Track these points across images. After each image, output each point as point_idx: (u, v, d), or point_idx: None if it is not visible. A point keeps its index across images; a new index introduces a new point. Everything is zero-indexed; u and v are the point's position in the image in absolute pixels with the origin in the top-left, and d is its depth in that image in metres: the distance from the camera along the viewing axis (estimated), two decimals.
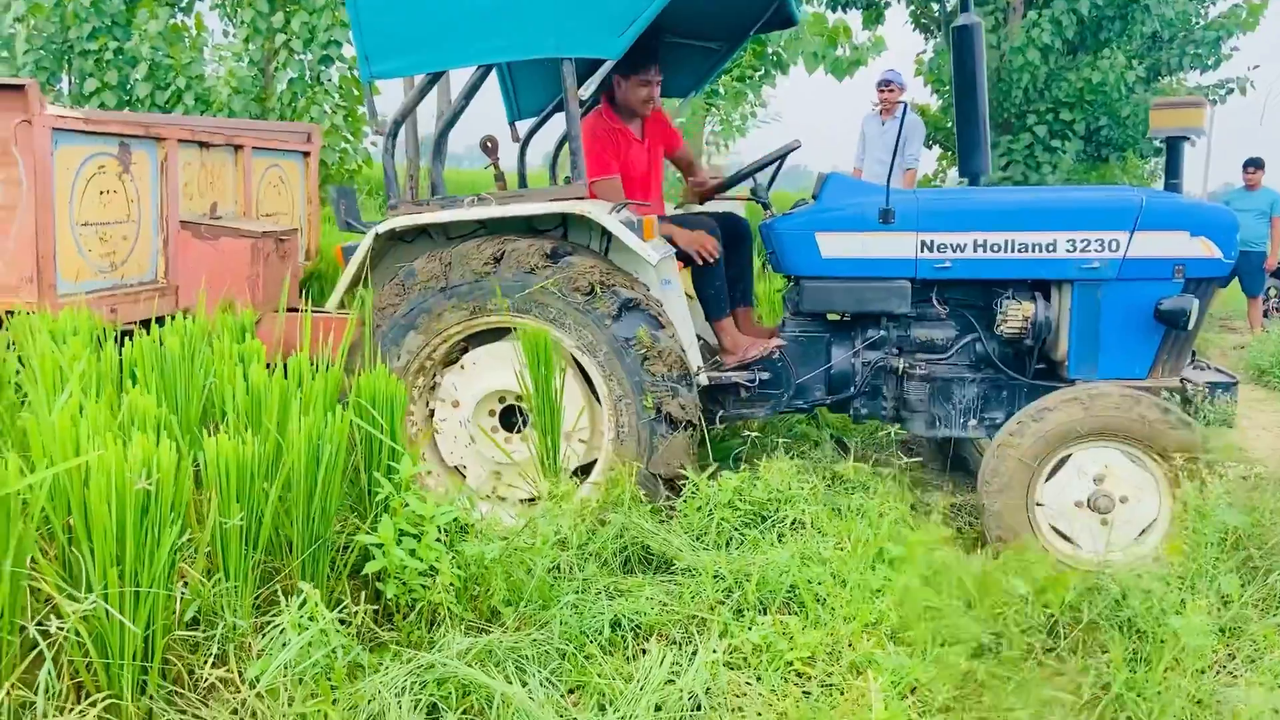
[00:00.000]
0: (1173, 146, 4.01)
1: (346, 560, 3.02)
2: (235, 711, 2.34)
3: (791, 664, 2.70)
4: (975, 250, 3.87)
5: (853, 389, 4.09)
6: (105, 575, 2.24)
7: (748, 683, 2.63)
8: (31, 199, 4.14)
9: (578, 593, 3.02)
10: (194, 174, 5.25)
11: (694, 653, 2.70)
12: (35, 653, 2.27)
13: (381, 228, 3.87)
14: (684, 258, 4.15)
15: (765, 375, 4.08)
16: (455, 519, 3.15)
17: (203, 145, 5.32)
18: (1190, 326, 3.68)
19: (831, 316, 4.22)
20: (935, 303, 4.03)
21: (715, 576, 3.03)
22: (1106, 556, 3.38)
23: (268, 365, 3.22)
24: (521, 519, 3.49)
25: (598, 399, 3.86)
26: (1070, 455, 3.57)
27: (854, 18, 10.22)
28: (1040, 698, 2.66)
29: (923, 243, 3.90)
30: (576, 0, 3.59)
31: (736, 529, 3.36)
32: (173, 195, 4.96)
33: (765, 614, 2.94)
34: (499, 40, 3.71)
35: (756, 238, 4.59)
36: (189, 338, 3.18)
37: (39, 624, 2.28)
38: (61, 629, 2.19)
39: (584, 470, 3.94)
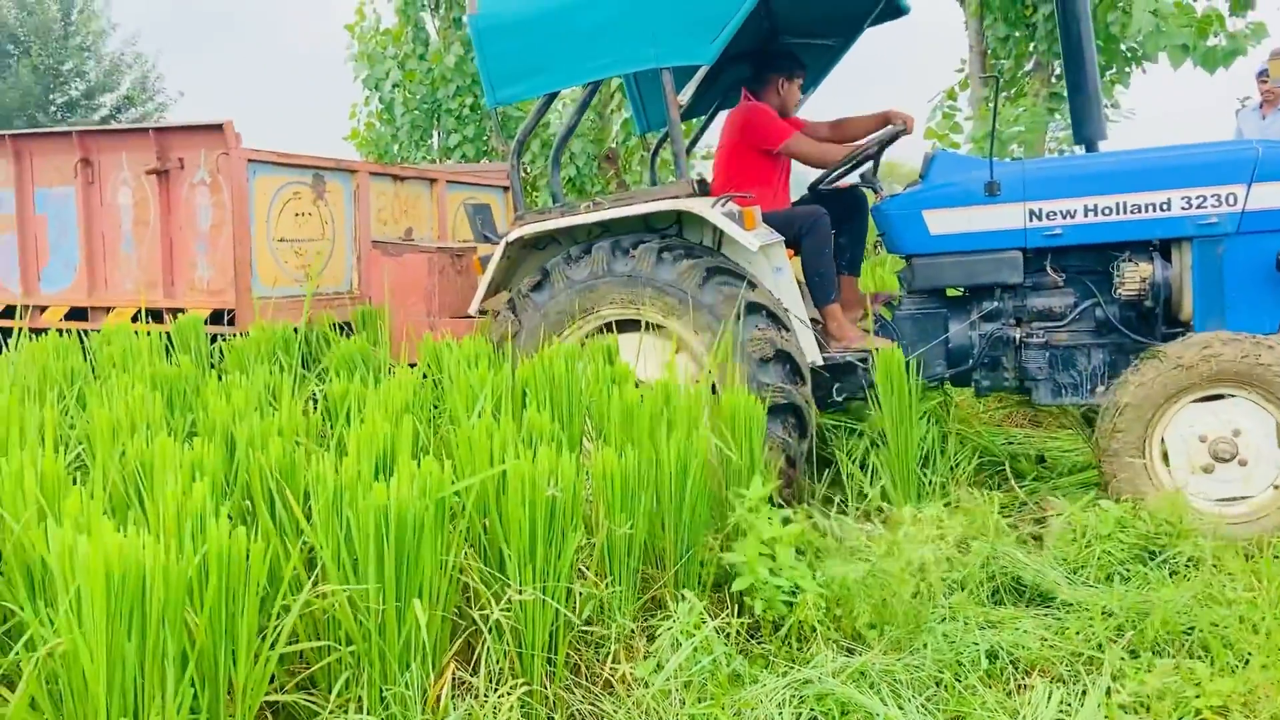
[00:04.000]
0: None
1: (710, 574, 3.14)
2: (632, 710, 2.51)
3: (1200, 713, 2.46)
4: (1086, 215, 3.87)
5: (971, 361, 4.12)
6: (521, 572, 2.49)
7: None
8: (230, 217, 4.96)
9: (944, 620, 2.94)
10: (388, 201, 6.02)
11: (1083, 692, 2.54)
12: (459, 639, 2.58)
13: (510, 236, 4.19)
14: (793, 245, 4.25)
15: (879, 349, 4.05)
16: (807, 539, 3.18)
17: (396, 178, 6.11)
18: None
19: (952, 293, 4.25)
20: (1050, 270, 4.02)
21: (1105, 613, 2.83)
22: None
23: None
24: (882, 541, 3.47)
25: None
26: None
27: (1219, 4, 9.20)
28: None
29: (1031, 212, 3.93)
30: (670, 15, 3.86)
31: (1121, 563, 3.12)
32: (364, 218, 5.72)
33: (1163, 657, 2.70)
34: (604, 58, 4.04)
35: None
36: (570, 360, 3.47)
37: (460, 612, 2.58)
38: (495, 616, 2.45)
39: None
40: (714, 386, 3.83)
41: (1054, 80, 8.52)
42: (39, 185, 5.56)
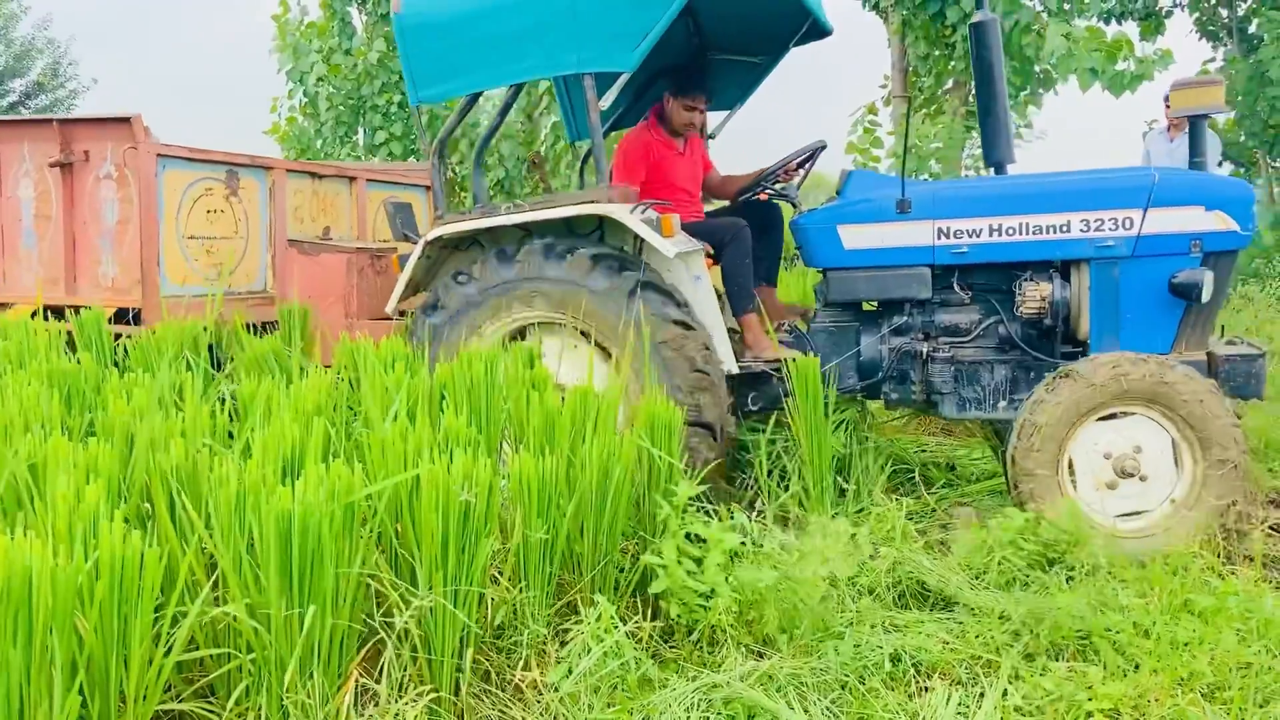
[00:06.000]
0: (1194, 125, 3.96)
1: (630, 579, 3.15)
2: (540, 715, 2.50)
3: (1091, 715, 2.55)
4: (991, 235, 3.99)
5: (881, 374, 4.22)
6: (431, 578, 2.47)
7: None
8: (138, 213, 4.81)
9: (851, 624, 3.00)
10: (305, 200, 5.87)
11: (981, 694, 2.62)
12: (369, 646, 2.53)
13: (430, 236, 4.20)
14: (714, 255, 4.34)
15: (793, 359, 4.12)
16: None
17: (314, 176, 5.94)
18: (1204, 299, 3.71)
19: (866, 307, 4.36)
20: (957, 288, 4.14)
21: (1001, 617, 2.91)
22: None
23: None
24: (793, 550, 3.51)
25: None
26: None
27: (1129, 29, 9.59)
28: None
29: (939, 230, 4.04)
30: (593, 21, 3.89)
31: (1021, 569, 3.22)
32: (280, 217, 5.58)
33: (1058, 660, 2.80)
34: (528, 61, 4.06)
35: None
36: (490, 364, 3.44)
37: (366, 619, 2.53)
38: (400, 623, 2.42)
39: None
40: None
41: (971, 99, 8.76)
42: None
